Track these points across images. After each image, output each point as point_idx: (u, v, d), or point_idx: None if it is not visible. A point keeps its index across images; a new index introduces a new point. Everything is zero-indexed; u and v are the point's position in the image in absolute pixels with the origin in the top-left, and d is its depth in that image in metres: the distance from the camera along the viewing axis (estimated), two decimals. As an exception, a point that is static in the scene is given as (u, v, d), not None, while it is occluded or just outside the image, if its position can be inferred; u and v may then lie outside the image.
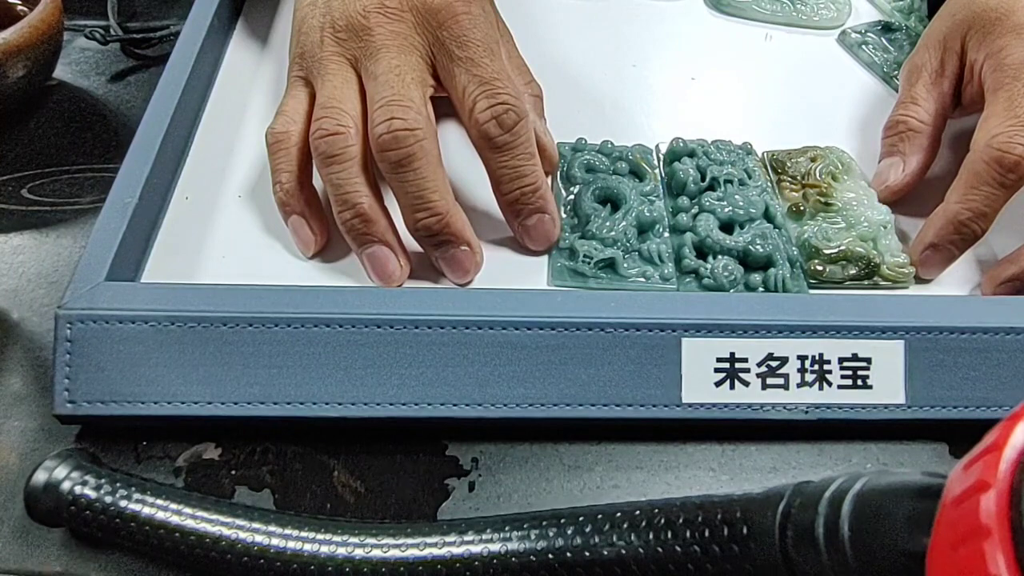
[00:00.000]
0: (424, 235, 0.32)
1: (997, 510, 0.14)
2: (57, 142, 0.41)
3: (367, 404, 0.28)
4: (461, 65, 0.32)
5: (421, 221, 0.31)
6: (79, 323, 0.28)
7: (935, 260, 0.34)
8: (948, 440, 0.31)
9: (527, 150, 0.32)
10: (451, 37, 0.32)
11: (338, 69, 0.33)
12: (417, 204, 0.31)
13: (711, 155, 0.37)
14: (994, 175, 0.32)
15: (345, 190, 0.32)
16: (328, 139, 0.32)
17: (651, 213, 0.35)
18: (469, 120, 0.32)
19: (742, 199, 0.35)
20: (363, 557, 0.24)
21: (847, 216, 0.35)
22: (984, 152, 0.33)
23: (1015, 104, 0.33)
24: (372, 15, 0.33)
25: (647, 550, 0.22)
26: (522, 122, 0.32)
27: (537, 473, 0.29)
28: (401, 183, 0.31)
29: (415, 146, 0.31)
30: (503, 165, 0.32)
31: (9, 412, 0.30)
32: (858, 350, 0.30)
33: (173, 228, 0.35)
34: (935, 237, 0.33)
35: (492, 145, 0.32)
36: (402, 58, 0.32)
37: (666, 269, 0.34)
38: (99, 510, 0.25)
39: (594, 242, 0.34)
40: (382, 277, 0.32)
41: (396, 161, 0.31)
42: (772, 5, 0.48)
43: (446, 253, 0.32)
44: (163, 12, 0.49)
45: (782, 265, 0.34)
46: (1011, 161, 0.32)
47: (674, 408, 0.29)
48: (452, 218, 0.32)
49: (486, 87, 0.32)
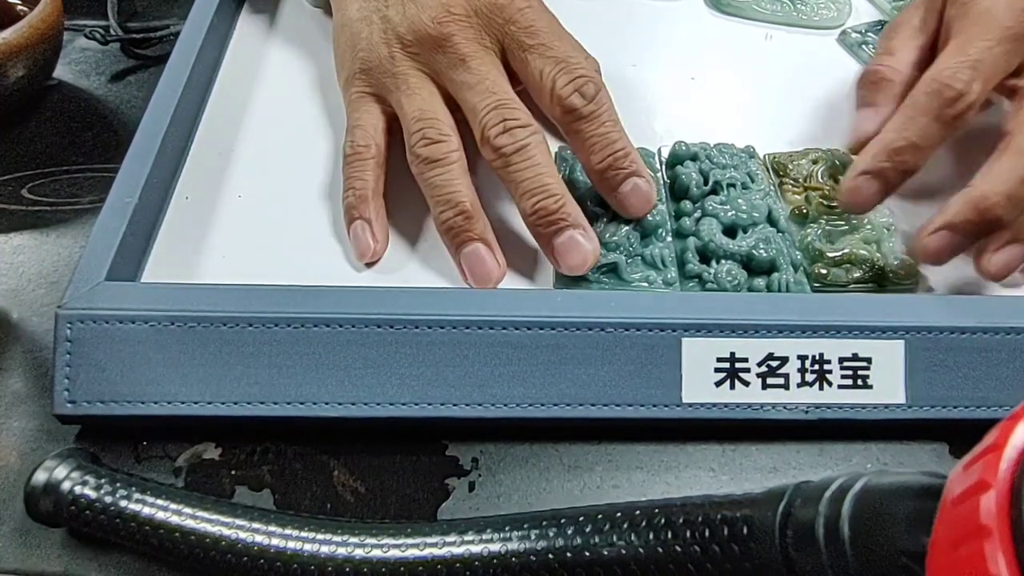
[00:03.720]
0: (541, 217, 0.32)
1: (997, 510, 0.14)
2: (57, 142, 0.41)
3: (367, 404, 0.28)
4: (534, 52, 0.34)
5: (539, 203, 0.32)
6: (79, 323, 0.28)
7: (867, 189, 0.33)
8: (948, 440, 0.31)
9: (612, 117, 0.33)
10: (520, 29, 0.34)
11: (420, 83, 0.34)
12: (534, 188, 0.32)
13: (714, 159, 0.37)
14: (932, 107, 0.32)
15: (448, 190, 0.32)
16: (432, 146, 0.33)
17: (653, 217, 0.35)
18: (551, 99, 0.33)
19: (745, 203, 0.35)
20: (363, 557, 0.24)
21: (850, 218, 0.35)
22: (926, 84, 0.33)
23: (968, 45, 0.33)
24: (444, 24, 0.33)
25: (647, 550, 0.22)
26: (602, 91, 0.33)
27: (537, 473, 0.29)
28: (517, 171, 0.32)
29: (530, 138, 0.32)
30: (592, 134, 0.33)
31: (9, 412, 0.30)
32: (858, 350, 0.30)
33: (173, 228, 0.35)
34: (868, 164, 0.33)
35: (578, 116, 0.33)
36: (488, 62, 0.34)
37: (669, 273, 0.33)
38: (99, 510, 0.25)
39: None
40: (479, 277, 0.33)
41: (512, 151, 0.32)
42: (772, 5, 0.48)
43: (561, 237, 0.32)
44: (163, 12, 0.49)
45: (786, 269, 0.33)
46: (950, 94, 0.32)
47: (674, 408, 0.29)
48: (569, 200, 0.32)
49: (562, 64, 0.33)
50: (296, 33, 0.44)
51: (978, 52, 0.33)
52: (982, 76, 0.33)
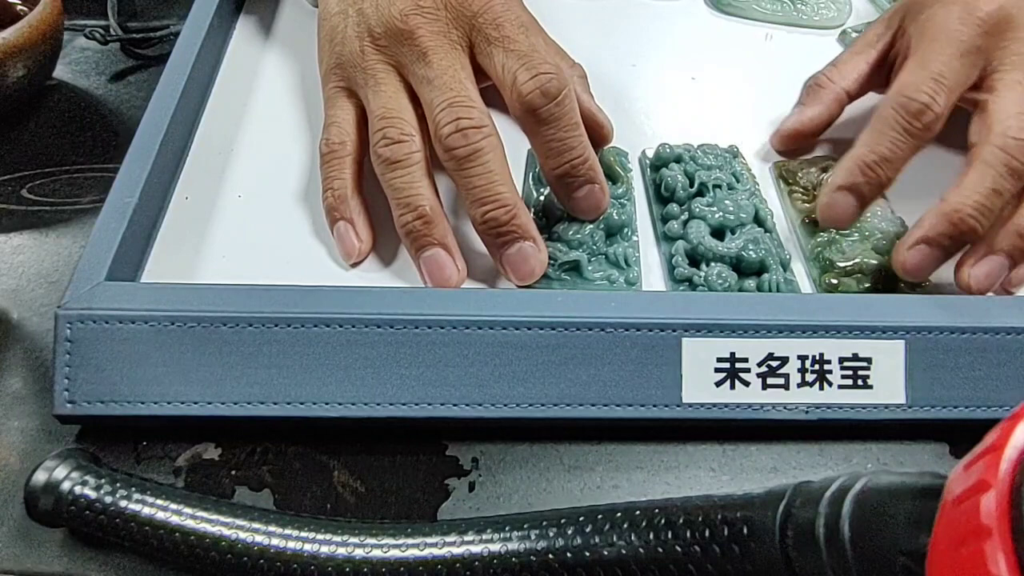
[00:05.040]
0: (491, 228, 0.32)
1: (998, 510, 0.14)
2: (57, 142, 0.41)
3: (367, 404, 0.28)
4: (498, 45, 0.33)
5: (489, 213, 0.32)
6: (79, 323, 0.28)
7: (843, 204, 0.34)
8: (948, 440, 0.31)
9: (572, 120, 0.32)
10: (487, 22, 0.33)
11: (386, 78, 0.34)
12: (485, 197, 0.31)
13: (698, 160, 0.37)
14: (900, 121, 0.33)
15: (407, 193, 0.32)
16: (393, 146, 0.32)
17: (620, 216, 0.34)
18: (511, 95, 0.32)
19: (732, 204, 0.35)
20: (363, 557, 0.24)
21: (860, 228, 0.35)
22: (892, 99, 0.34)
23: (928, 60, 0.34)
24: (410, 17, 0.33)
25: (647, 550, 0.22)
26: (566, 90, 0.32)
27: (537, 473, 0.29)
28: (468, 177, 0.31)
29: (483, 141, 0.31)
30: (551, 138, 0.32)
31: (9, 412, 0.30)
32: (858, 350, 0.30)
33: (173, 228, 0.35)
34: (842, 179, 0.34)
35: (538, 118, 0.32)
36: (451, 57, 0.33)
37: (631, 273, 0.33)
38: (99, 510, 0.25)
39: (560, 244, 0.34)
40: (438, 281, 0.32)
41: (464, 156, 0.31)
42: (772, 5, 0.48)
43: (511, 249, 0.32)
44: (163, 12, 0.49)
45: (775, 270, 0.33)
46: (916, 108, 0.33)
47: (674, 408, 0.29)
48: (520, 211, 0.32)
49: (525, 60, 0.32)
50: (296, 33, 0.44)
51: (939, 66, 0.34)
52: (945, 88, 0.33)
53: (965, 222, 0.31)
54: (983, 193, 0.31)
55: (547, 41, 0.36)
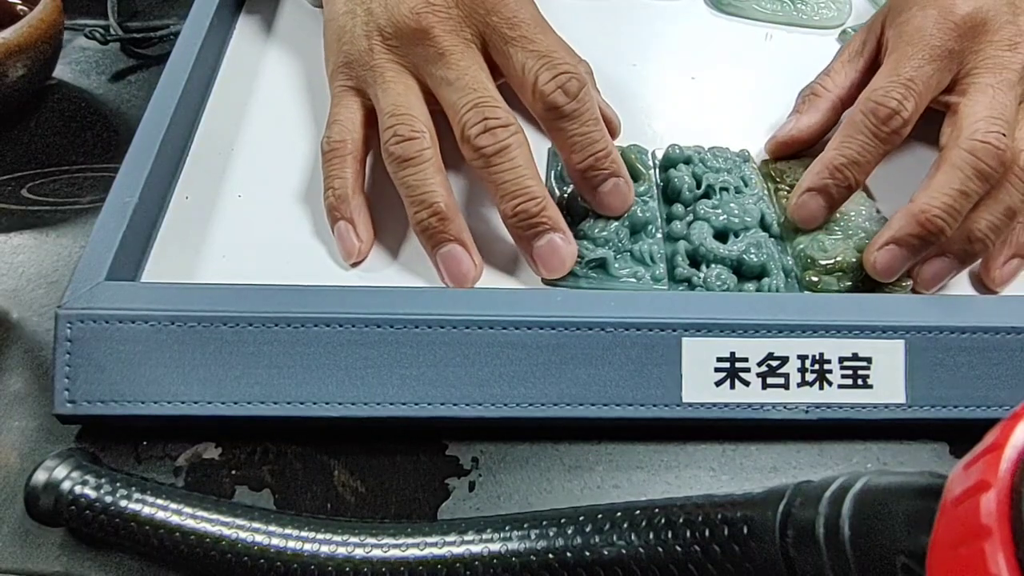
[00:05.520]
0: (521, 220, 0.32)
1: (997, 510, 0.14)
2: (57, 142, 0.41)
3: (367, 404, 0.28)
4: (516, 44, 0.33)
5: (520, 205, 0.32)
6: (79, 323, 0.28)
7: (812, 205, 0.35)
8: (948, 440, 0.31)
9: (594, 115, 0.33)
10: (502, 21, 0.33)
11: (396, 76, 0.34)
12: (515, 191, 0.32)
13: (707, 162, 0.37)
14: (869, 125, 0.34)
15: (422, 190, 0.32)
16: (404, 143, 0.32)
17: (644, 213, 0.34)
18: (533, 95, 0.32)
19: (737, 207, 0.35)
20: (363, 557, 0.24)
21: (845, 226, 0.35)
22: (862, 104, 0.34)
23: (900, 65, 0.35)
24: (423, 16, 0.33)
25: (647, 550, 0.22)
26: (585, 88, 0.32)
27: (537, 473, 0.29)
28: (498, 173, 0.32)
29: (511, 138, 0.32)
30: (573, 133, 0.32)
31: (9, 412, 0.30)
32: (858, 350, 0.30)
33: (173, 228, 0.35)
34: (811, 181, 0.35)
35: (560, 115, 0.32)
36: (468, 56, 0.33)
37: (657, 270, 0.33)
38: (99, 510, 0.25)
39: (586, 242, 0.34)
40: (456, 277, 0.32)
41: (493, 153, 0.32)
42: (772, 5, 0.48)
43: (541, 240, 0.32)
44: (163, 12, 0.49)
45: (776, 275, 0.33)
46: (885, 113, 0.33)
47: (674, 408, 0.29)
48: (549, 203, 0.32)
49: (545, 59, 0.32)
50: (296, 33, 0.44)
51: (910, 71, 0.34)
52: (915, 93, 0.34)
53: (933, 223, 0.32)
54: (951, 195, 0.32)
55: (555, 36, 0.36)
